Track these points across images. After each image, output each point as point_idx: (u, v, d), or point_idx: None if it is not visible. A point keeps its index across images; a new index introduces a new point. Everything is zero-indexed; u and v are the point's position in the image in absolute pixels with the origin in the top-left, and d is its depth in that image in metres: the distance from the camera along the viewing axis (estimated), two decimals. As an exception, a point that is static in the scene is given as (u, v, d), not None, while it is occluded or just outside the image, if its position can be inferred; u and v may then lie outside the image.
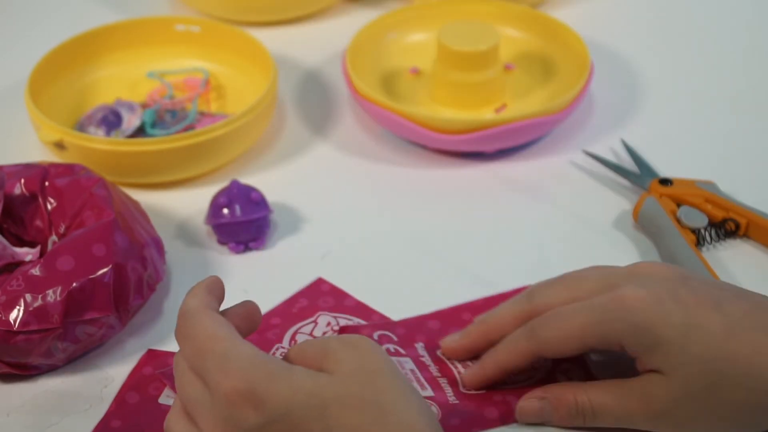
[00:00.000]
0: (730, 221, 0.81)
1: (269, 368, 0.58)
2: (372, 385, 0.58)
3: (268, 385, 0.57)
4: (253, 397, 0.57)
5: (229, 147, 0.87)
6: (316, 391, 0.57)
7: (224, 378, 0.58)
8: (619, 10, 1.10)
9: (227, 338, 0.59)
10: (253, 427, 0.57)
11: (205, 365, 0.59)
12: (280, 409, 0.57)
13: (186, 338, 0.61)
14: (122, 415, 0.69)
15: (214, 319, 0.60)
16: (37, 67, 0.91)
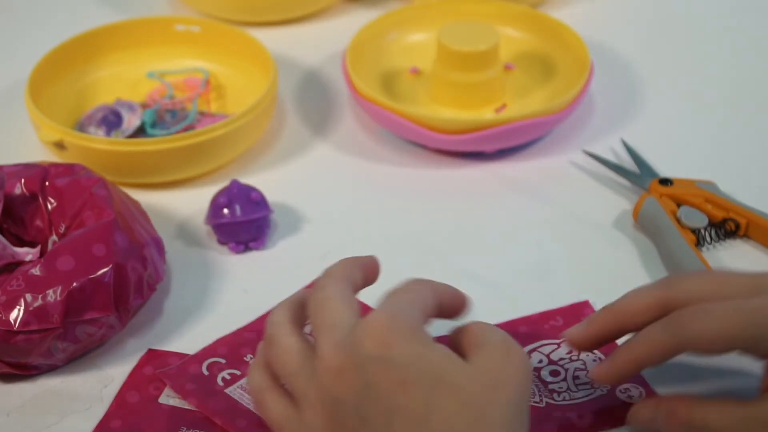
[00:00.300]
0: (730, 221, 0.81)
1: (418, 331, 0.59)
2: (493, 393, 0.58)
3: (404, 338, 0.58)
4: (388, 338, 0.58)
5: (229, 147, 0.87)
6: (441, 368, 0.58)
7: (381, 312, 0.59)
8: (619, 10, 1.10)
9: (416, 302, 0.61)
10: (369, 357, 0.58)
11: (384, 302, 0.61)
12: (401, 359, 0.57)
13: (404, 284, 0.63)
14: (122, 415, 0.69)
15: (426, 294, 0.62)
16: (37, 67, 0.91)
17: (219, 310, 0.77)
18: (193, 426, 0.68)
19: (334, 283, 0.63)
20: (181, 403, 0.70)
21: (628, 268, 0.80)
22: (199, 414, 0.69)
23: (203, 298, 0.78)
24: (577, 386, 0.70)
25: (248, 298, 0.78)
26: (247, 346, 0.73)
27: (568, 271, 0.80)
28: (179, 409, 0.69)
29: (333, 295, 0.62)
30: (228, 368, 0.71)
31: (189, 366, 0.71)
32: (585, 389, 0.69)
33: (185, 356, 0.73)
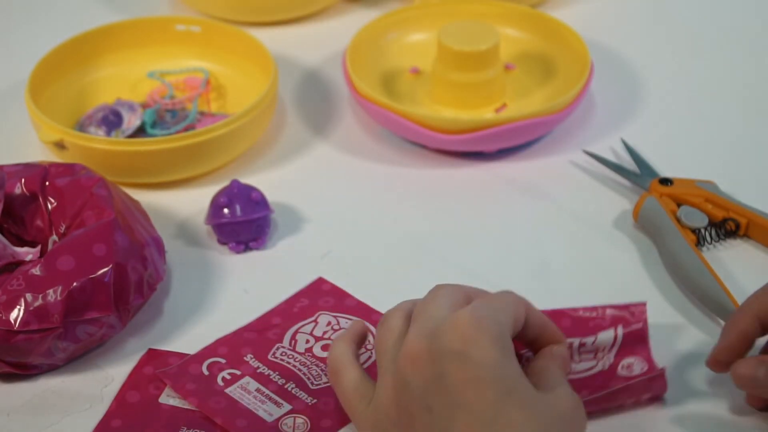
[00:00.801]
0: (730, 221, 0.81)
1: (502, 339, 0.60)
2: (560, 424, 0.59)
3: (488, 340, 0.59)
4: (473, 334, 0.59)
5: (229, 147, 0.87)
6: (512, 381, 0.59)
7: (474, 309, 0.60)
8: (619, 10, 1.09)
9: (508, 312, 0.62)
10: (449, 351, 0.59)
11: (479, 300, 0.62)
12: (481, 359, 0.58)
13: (496, 294, 0.65)
14: (122, 415, 0.69)
15: (518, 308, 0.63)
16: (37, 67, 0.91)
17: (219, 310, 0.77)
18: (193, 426, 0.68)
19: (448, 287, 0.64)
20: (181, 402, 0.70)
21: (628, 268, 0.80)
22: (199, 414, 0.69)
23: (203, 298, 0.78)
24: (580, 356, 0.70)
25: (248, 298, 0.78)
26: (247, 346, 0.73)
27: (568, 271, 0.80)
28: (179, 409, 0.69)
29: (444, 292, 0.63)
30: (228, 368, 0.71)
31: (189, 366, 0.71)
32: (587, 362, 0.69)
33: (185, 356, 0.73)
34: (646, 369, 0.68)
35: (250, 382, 0.71)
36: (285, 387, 0.70)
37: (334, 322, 0.75)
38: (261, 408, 0.69)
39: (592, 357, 0.69)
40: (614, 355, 0.69)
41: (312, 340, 0.74)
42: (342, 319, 0.75)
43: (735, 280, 0.78)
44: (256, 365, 0.72)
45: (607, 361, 0.69)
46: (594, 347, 0.69)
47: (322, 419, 0.68)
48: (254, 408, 0.69)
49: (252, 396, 0.70)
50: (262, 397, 0.70)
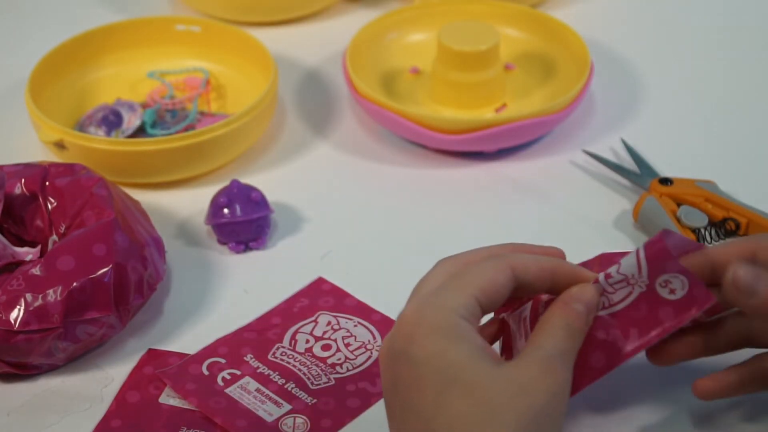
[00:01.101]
0: (730, 221, 0.81)
1: (443, 325, 0.58)
2: (512, 399, 0.57)
3: (426, 334, 0.58)
4: (410, 331, 0.58)
5: (229, 147, 0.87)
6: (459, 367, 0.57)
7: (413, 302, 0.61)
8: (619, 10, 1.10)
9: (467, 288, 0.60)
10: (397, 351, 0.59)
11: (439, 283, 0.61)
12: (418, 357, 0.58)
13: (484, 256, 0.63)
14: (122, 415, 0.69)
15: (494, 274, 0.61)
16: (37, 67, 0.91)
17: (219, 310, 0.77)
18: (192, 426, 0.68)
19: (436, 268, 0.64)
20: (181, 403, 0.70)
21: (628, 268, 0.80)
22: (199, 414, 0.69)
23: (203, 298, 0.78)
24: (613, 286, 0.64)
25: (248, 298, 0.78)
26: (247, 346, 0.73)
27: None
28: (179, 409, 0.69)
29: (429, 276, 0.64)
30: (228, 368, 0.71)
31: (189, 366, 0.71)
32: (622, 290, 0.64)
33: (185, 356, 0.73)
34: (687, 283, 0.62)
35: (250, 382, 0.71)
36: (285, 387, 0.70)
37: (333, 322, 0.75)
38: (261, 408, 0.69)
39: (625, 284, 0.64)
40: (647, 275, 0.63)
41: (312, 340, 0.74)
42: (342, 319, 0.75)
43: (735, 280, 0.77)
44: (256, 365, 0.72)
45: (643, 282, 0.63)
46: (622, 275, 0.63)
47: (322, 419, 0.68)
48: (254, 408, 0.69)
49: (252, 396, 0.70)
50: (262, 397, 0.70)
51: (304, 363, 0.72)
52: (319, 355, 0.73)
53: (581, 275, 0.63)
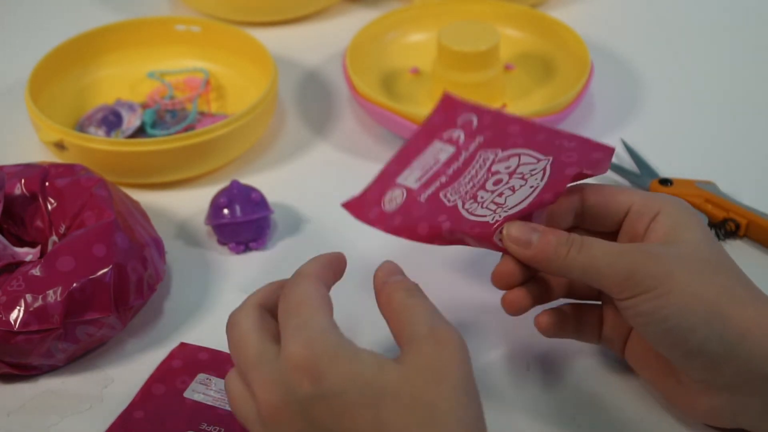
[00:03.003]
0: (730, 221, 0.81)
1: (338, 347, 0.58)
2: (435, 387, 0.57)
3: (330, 363, 0.57)
4: (313, 369, 0.57)
5: (229, 147, 0.87)
6: (376, 382, 0.57)
7: (294, 340, 0.58)
8: (619, 10, 1.10)
9: (317, 308, 0.60)
10: (305, 397, 0.57)
11: (288, 323, 0.59)
12: (335, 389, 0.57)
13: (285, 292, 0.62)
14: (146, 407, 0.70)
15: (315, 287, 0.61)
16: (37, 67, 0.91)
17: (219, 310, 0.77)
18: (213, 422, 0.68)
19: (243, 313, 0.62)
20: (204, 398, 0.70)
21: (628, 269, 0.80)
22: (220, 411, 0.69)
23: (203, 298, 0.78)
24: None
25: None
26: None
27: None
28: (202, 405, 0.70)
29: (247, 328, 0.61)
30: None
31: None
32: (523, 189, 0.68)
33: (216, 351, 0.73)
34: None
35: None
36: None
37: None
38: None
39: (523, 182, 0.68)
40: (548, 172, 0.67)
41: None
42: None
43: (735, 281, 0.78)
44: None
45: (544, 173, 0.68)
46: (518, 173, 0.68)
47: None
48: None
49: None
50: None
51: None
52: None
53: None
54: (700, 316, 0.62)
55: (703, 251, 0.64)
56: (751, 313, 0.62)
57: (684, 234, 0.64)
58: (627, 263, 0.63)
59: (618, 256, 0.63)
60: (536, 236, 0.65)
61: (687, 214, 0.66)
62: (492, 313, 0.73)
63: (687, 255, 0.63)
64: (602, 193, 0.68)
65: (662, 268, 0.62)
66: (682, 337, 0.62)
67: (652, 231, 0.65)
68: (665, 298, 0.62)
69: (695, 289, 0.62)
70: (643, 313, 0.63)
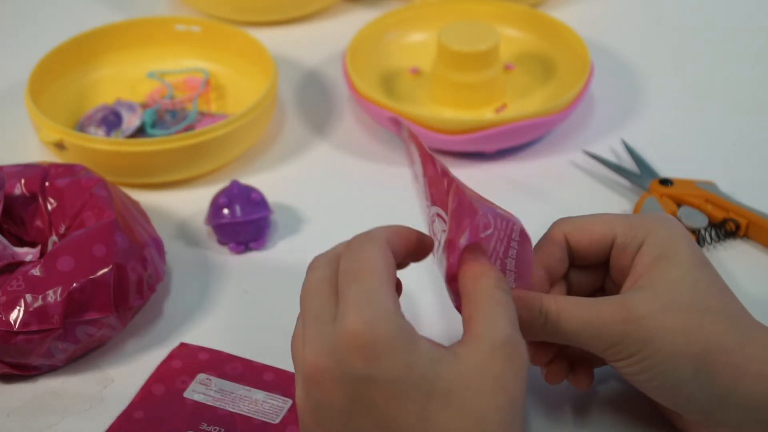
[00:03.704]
0: (730, 221, 0.81)
1: (398, 331, 0.55)
2: (492, 398, 0.56)
3: (388, 348, 0.55)
4: (370, 350, 0.55)
5: (229, 147, 0.87)
6: (430, 377, 0.55)
7: (355, 314, 0.55)
8: (619, 10, 1.10)
9: (382, 280, 0.57)
10: (355, 375, 0.55)
11: (349, 288, 0.57)
12: (387, 375, 0.55)
13: (351, 251, 0.59)
14: (146, 407, 0.70)
15: (386, 256, 0.58)
16: (37, 67, 0.91)
17: (219, 310, 0.77)
18: (213, 422, 0.68)
19: (323, 262, 0.61)
20: (204, 398, 0.70)
21: (628, 269, 0.80)
22: (220, 411, 0.69)
23: (203, 298, 0.78)
24: None
25: (248, 298, 0.78)
26: None
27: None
28: (202, 405, 0.70)
29: (318, 277, 0.59)
30: None
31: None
32: None
33: (215, 351, 0.73)
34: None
35: None
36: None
37: None
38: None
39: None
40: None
41: None
42: None
43: (735, 281, 0.78)
44: None
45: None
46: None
47: None
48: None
49: None
50: None
51: None
52: None
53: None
54: (686, 374, 0.61)
55: (687, 295, 0.62)
56: (739, 360, 0.61)
57: (666, 273, 0.62)
58: (610, 334, 0.61)
59: (601, 327, 0.61)
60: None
61: (672, 242, 0.64)
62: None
63: (668, 307, 0.61)
64: (583, 231, 0.66)
65: (643, 333, 0.61)
66: (671, 393, 0.62)
67: (636, 266, 0.64)
68: (650, 361, 0.61)
69: (680, 346, 0.61)
70: (629, 373, 0.62)
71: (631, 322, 0.61)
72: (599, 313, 0.62)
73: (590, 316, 0.62)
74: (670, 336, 0.61)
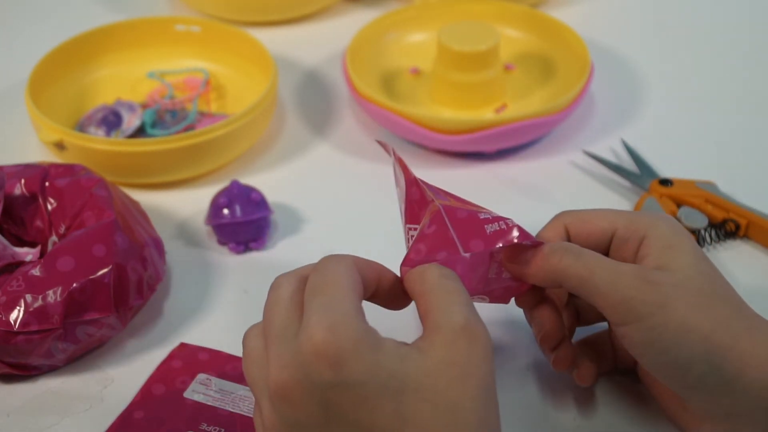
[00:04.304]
0: (730, 222, 0.81)
1: (361, 334, 0.55)
2: (461, 385, 0.56)
3: (353, 352, 0.55)
4: (335, 357, 0.55)
5: (229, 147, 0.87)
6: (398, 374, 0.55)
7: (317, 323, 0.55)
8: (619, 10, 1.10)
9: (345, 291, 0.57)
10: (324, 384, 0.55)
11: (312, 301, 0.57)
12: (355, 378, 0.55)
13: (318, 270, 0.59)
14: (146, 407, 0.70)
15: (352, 274, 0.59)
16: (37, 67, 0.92)
17: (219, 310, 0.77)
18: (213, 423, 0.69)
19: (286, 280, 0.61)
20: (204, 398, 0.70)
21: (628, 269, 0.80)
22: (220, 411, 0.69)
23: (203, 298, 0.78)
24: None
25: (248, 298, 0.78)
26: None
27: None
28: (202, 405, 0.70)
29: (281, 295, 0.59)
30: None
31: None
32: None
33: (215, 351, 0.73)
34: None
35: None
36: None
37: None
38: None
39: None
40: None
41: None
42: None
43: (735, 281, 0.77)
44: None
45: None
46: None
47: None
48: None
49: None
50: None
51: None
52: None
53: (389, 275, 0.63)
54: (697, 351, 0.61)
55: (697, 279, 0.62)
56: (745, 345, 0.61)
57: (676, 259, 0.63)
58: (624, 286, 0.61)
59: (616, 276, 0.62)
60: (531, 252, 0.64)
61: (676, 236, 0.64)
62: (491, 314, 0.73)
63: (682, 284, 0.62)
64: (584, 223, 0.67)
65: (658, 297, 0.61)
66: (681, 371, 0.61)
67: (642, 257, 0.64)
68: (661, 330, 0.61)
69: (691, 322, 0.61)
70: (639, 343, 0.62)
71: (648, 283, 0.61)
72: (618, 265, 0.62)
73: (610, 264, 0.62)
74: (684, 309, 0.61)
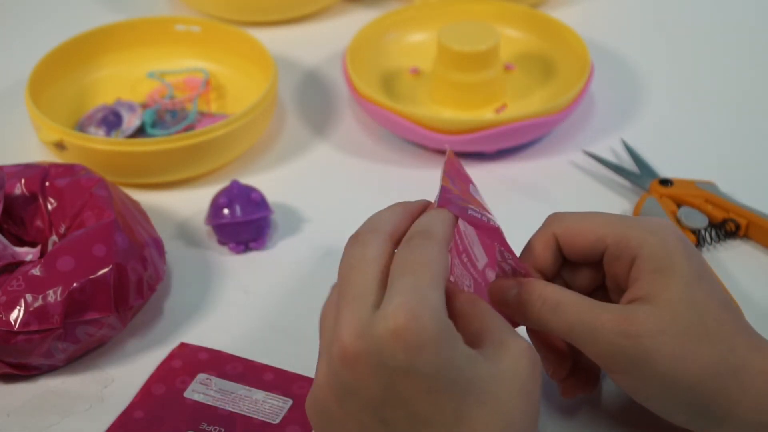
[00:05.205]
0: (730, 222, 0.81)
1: (444, 329, 0.55)
2: (518, 398, 0.56)
3: (431, 343, 0.54)
4: (415, 344, 0.54)
5: (229, 147, 0.87)
6: (468, 375, 0.55)
7: (403, 305, 0.54)
8: (619, 10, 1.10)
9: (435, 278, 0.56)
10: (394, 367, 0.54)
11: (401, 279, 0.56)
12: (428, 370, 0.54)
13: (410, 246, 0.58)
14: (146, 407, 0.70)
15: (444, 258, 0.58)
16: (37, 67, 0.91)
17: (219, 310, 0.77)
18: (213, 423, 0.69)
19: (374, 240, 0.59)
20: (204, 398, 0.70)
21: (628, 269, 0.80)
22: (221, 411, 0.69)
23: (203, 298, 0.78)
24: None
25: (248, 298, 0.78)
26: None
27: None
28: (202, 405, 0.70)
29: (369, 256, 0.58)
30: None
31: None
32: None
33: (215, 351, 0.73)
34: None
35: None
36: None
37: None
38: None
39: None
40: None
41: None
42: None
43: (735, 281, 0.78)
44: None
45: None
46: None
47: None
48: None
49: None
50: None
51: None
52: None
53: None
54: (683, 400, 0.61)
55: (685, 316, 0.61)
56: (733, 389, 0.60)
57: (666, 288, 0.61)
58: (605, 342, 0.60)
59: (596, 331, 0.61)
60: (514, 291, 0.64)
61: (667, 256, 0.62)
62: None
63: (667, 328, 0.60)
64: (573, 236, 0.66)
65: (640, 351, 0.60)
66: (667, 415, 0.62)
67: (633, 281, 0.62)
68: (644, 382, 0.61)
69: (676, 374, 0.60)
70: (626, 387, 0.62)
71: (629, 338, 0.60)
72: (598, 316, 0.61)
73: (589, 316, 0.61)
74: (667, 361, 0.60)
